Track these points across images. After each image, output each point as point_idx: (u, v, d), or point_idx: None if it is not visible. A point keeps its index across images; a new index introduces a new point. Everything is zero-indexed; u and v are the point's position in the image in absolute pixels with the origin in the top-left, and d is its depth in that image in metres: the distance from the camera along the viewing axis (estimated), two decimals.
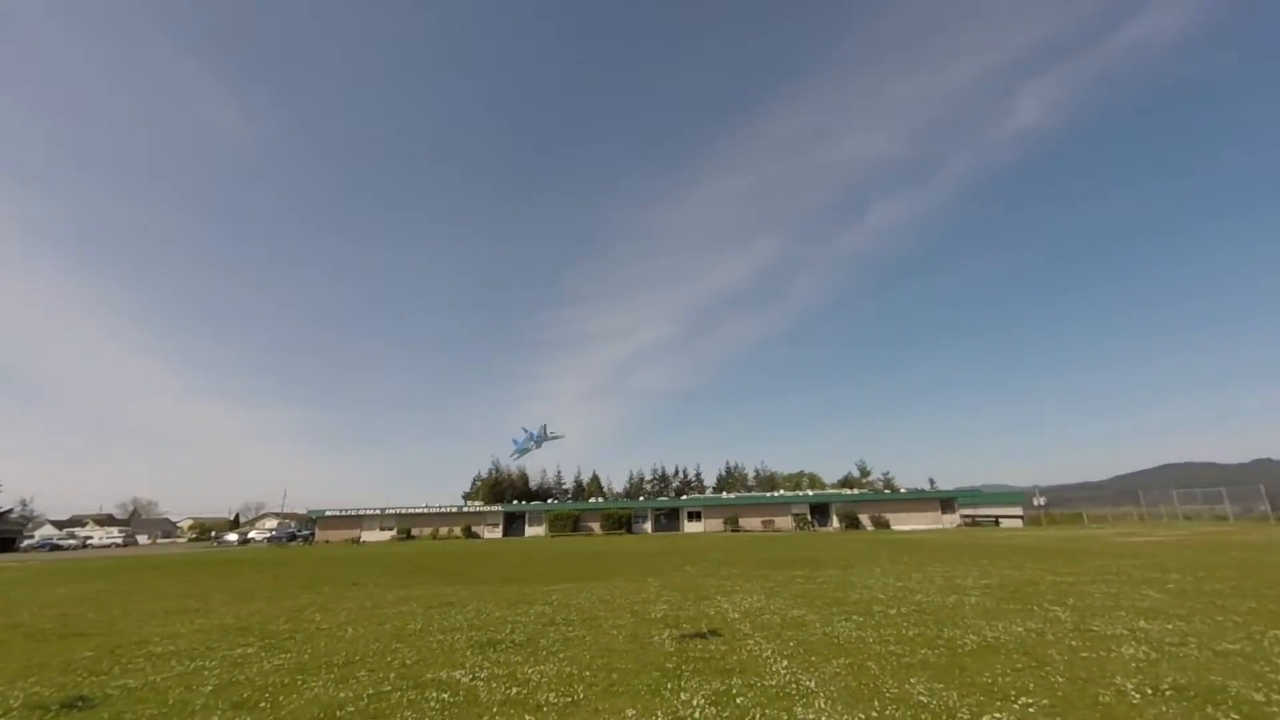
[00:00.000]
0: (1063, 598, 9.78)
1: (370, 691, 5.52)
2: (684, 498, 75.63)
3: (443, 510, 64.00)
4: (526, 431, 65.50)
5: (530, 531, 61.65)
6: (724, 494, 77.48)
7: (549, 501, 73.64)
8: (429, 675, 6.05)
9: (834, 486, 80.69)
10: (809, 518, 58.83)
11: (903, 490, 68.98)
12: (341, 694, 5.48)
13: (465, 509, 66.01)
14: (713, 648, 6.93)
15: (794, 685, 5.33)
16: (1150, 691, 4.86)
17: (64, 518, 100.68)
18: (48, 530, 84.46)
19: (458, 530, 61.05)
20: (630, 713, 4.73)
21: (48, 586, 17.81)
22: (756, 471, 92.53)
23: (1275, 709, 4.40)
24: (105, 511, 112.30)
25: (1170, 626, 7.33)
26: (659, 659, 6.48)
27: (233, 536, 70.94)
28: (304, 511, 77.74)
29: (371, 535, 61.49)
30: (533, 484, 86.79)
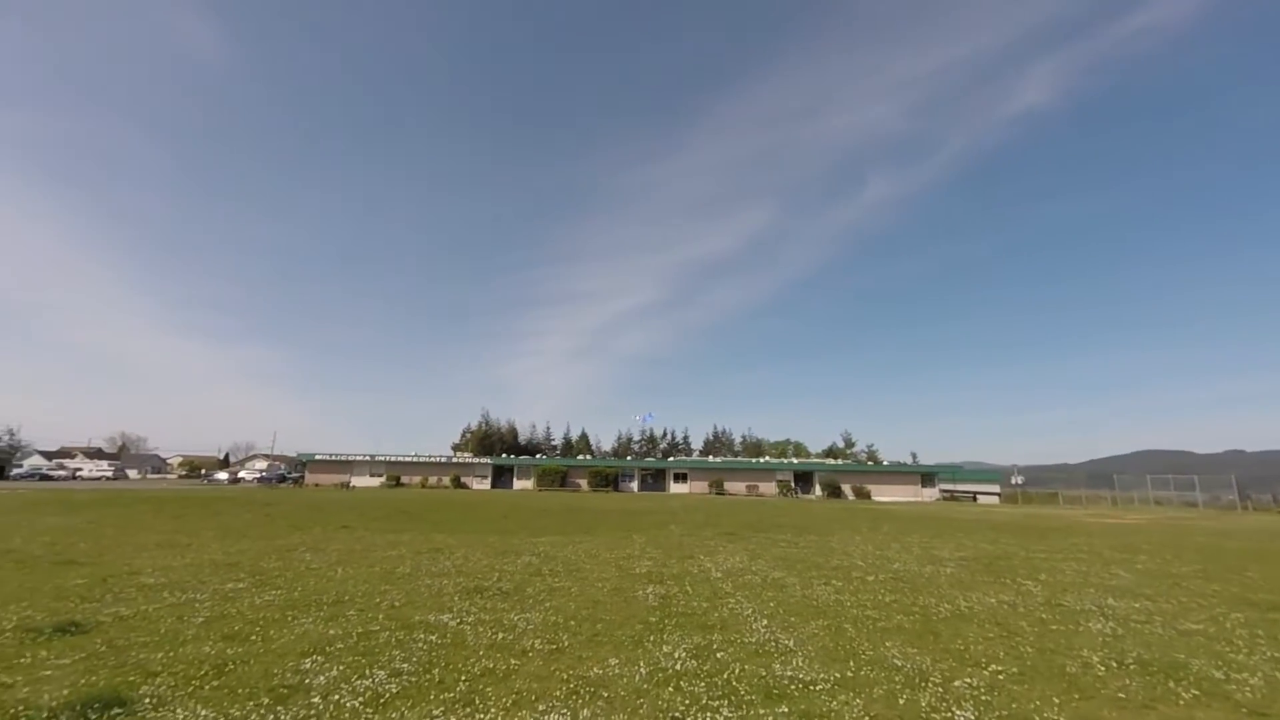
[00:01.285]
0: (1035, 573, 10.08)
1: (359, 630, 5.64)
2: (670, 459, 76.75)
3: (432, 460, 64.61)
4: (650, 416, 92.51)
5: (518, 485, 62.56)
6: (710, 458, 78.68)
7: (537, 456, 74.53)
8: (417, 617, 6.17)
9: (818, 456, 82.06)
10: (793, 485, 60.02)
11: (885, 463, 70.36)
12: (331, 631, 5.59)
13: (454, 459, 66.68)
14: (695, 604, 7.11)
15: (773, 643, 5.49)
16: (1115, 665, 5.05)
17: (53, 449, 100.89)
18: (37, 460, 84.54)
19: (446, 480, 61.80)
20: (613, 662, 4.86)
21: (38, 515, 17.94)
22: (743, 437, 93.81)
23: (1234, 686, 4.59)
24: (94, 445, 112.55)
25: (1137, 605, 7.59)
26: (643, 613, 6.65)
27: (223, 475, 71.54)
28: (294, 454, 78.22)
29: (361, 481, 62.14)
30: (522, 439, 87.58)
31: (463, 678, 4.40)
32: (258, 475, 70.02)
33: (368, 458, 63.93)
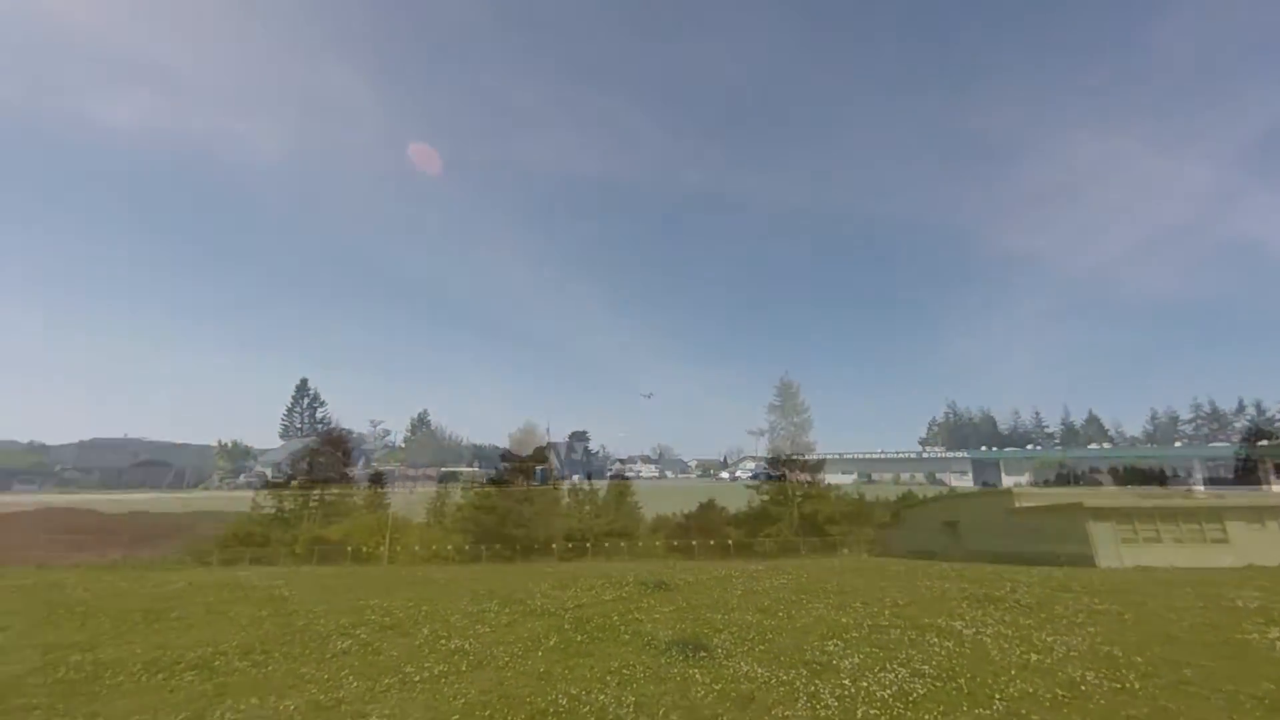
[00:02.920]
0: None
1: (869, 623, 5.83)
2: (1264, 442, 51.85)
3: (901, 455, 62.67)
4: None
5: (1008, 481, 53.91)
6: None
7: (1028, 448, 62.74)
8: (925, 619, 5.96)
9: None
10: None
11: None
12: (843, 619, 5.98)
13: (924, 455, 62.88)
14: None
15: None
16: None
17: (624, 456, 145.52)
18: (616, 465, 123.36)
19: (920, 477, 58.68)
20: None
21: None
22: None
23: None
24: (645, 453, 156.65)
25: None
26: (1264, 665, 4.61)
27: (725, 474, 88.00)
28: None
29: (833, 478, 65.29)
30: (1002, 427, 75.43)
31: (997, 696, 3.97)
32: (749, 474, 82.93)
33: (837, 455, 67.07)
